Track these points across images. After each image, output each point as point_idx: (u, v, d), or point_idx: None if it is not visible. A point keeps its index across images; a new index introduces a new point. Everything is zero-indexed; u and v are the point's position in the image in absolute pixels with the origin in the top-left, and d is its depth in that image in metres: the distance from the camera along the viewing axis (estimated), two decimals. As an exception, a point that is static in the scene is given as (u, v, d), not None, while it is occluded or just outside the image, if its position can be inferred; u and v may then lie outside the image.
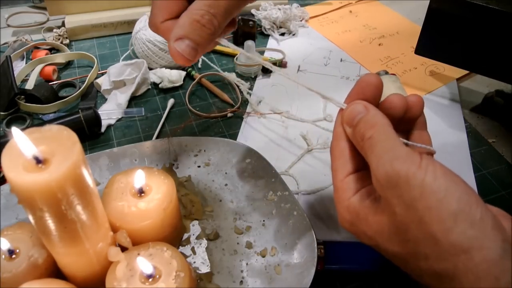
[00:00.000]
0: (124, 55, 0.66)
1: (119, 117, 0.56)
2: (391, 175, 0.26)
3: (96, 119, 0.52)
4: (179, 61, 0.32)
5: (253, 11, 0.75)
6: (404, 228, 0.27)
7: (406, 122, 0.35)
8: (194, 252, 0.41)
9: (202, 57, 0.66)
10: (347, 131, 0.32)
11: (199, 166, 0.48)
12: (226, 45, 0.35)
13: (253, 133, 0.55)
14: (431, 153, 0.34)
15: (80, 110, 0.52)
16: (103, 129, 0.54)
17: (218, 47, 0.68)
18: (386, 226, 0.28)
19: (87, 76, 0.60)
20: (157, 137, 0.54)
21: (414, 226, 0.26)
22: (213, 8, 0.31)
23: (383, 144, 0.28)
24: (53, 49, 0.68)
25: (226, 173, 0.47)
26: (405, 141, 0.32)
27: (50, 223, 0.28)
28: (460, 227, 0.25)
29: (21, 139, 0.27)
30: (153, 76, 0.61)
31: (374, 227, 0.29)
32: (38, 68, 0.62)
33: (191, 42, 0.31)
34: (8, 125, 0.55)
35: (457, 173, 0.51)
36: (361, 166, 0.32)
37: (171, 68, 0.62)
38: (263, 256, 0.40)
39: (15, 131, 0.27)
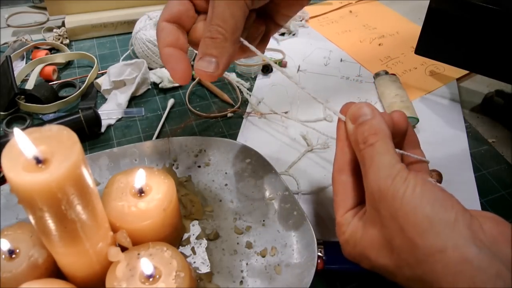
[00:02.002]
0: (124, 55, 0.66)
1: (119, 117, 0.56)
2: (382, 190, 0.28)
3: (96, 119, 0.52)
4: (206, 78, 0.33)
5: (253, 11, 0.75)
6: (389, 239, 0.28)
7: (395, 138, 0.35)
8: (194, 252, 0.41)
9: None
10: (348, 127, 0.33)
11: (199, 166, 0.48)
12: (248, 46, 0.34)
13: (253, 133, 0.55)
14: (425, 163, 0.36)
15: (80, 110, 0.52)
16: (103, 129, 0.54)
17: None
18: (376, 239, 0.29)
19: (87, 76, 0.60)
20: (157, 137, 0.54)
21: (397, 234, 0.27)
22: (215, 19, 0.31)
23: (383, 158, 0.29)
24: (53, 49, 0.68)
25: (226, 173, 0.47)
26: (401, 151, 0.34)
27: (50, 223, 0.28)
28: (435, 229, 0.26)
29: (22, 139, 0.27)
30: (153, 76, 0.61)
31: (366, 244, 0.30)
32: (38, 68, 0.62)
33: (209, 57, 0.32)
34: (8, 125, 0.55)
35: (457, 173, 0.52)
36: (361, 200, 0.33)
37: (171, 68, 0.62)
38: (263, 256, 0.40)
39: (16, 131, 0.27)
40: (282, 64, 0.66)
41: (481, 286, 0.24)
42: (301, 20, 0.76)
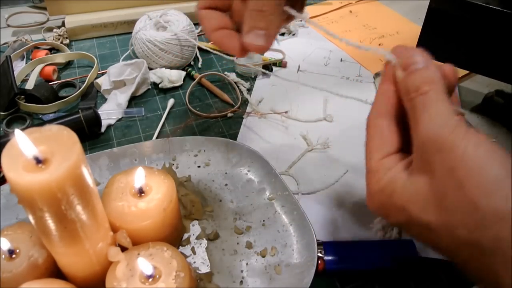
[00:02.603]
0: (124, 55, 0.66)
1: (119, 117, 0.56)
2: (438, 140, 0.26)
3: (96, 119, 0.52)
4: (257, 51, 0.34)
5: (253, 11, 0.75)
6: (441, 195, 0.26)
7: None
8: (194, 252, 0.41)
9: (200, 57, 0.66)
10: (398, 74, 0.30)
11: (199, 166, 0.48)
12: (293, 13, 0.35)
13: (253, 133, 0.55)
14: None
15: (80, 110, 0.52)
16: (103, 129, 0.54)
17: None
18: (422, 192, 0.27)
19: (87, 76, 0.60)
20: (157, 137, 0.54)
21: (453, 192, 0.25)
22: None
23: (438, 105, 0.27)
24: (53, 49, 0.68)
25: (226, 173, 0.47)
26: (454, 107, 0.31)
27: (50, 223, 0.28)
28: (502, 192, 0.24)
29: (22, 140, 0.27)
30: (153, 76, 0.61)
31: (407, 195, 0.28)
32: (38, 68, 0.62)
33: (258, 30, 0.33)
34: (8, 125, 0.55)
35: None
36: (401, 148, 0.31)
37: (171, 68, 0.62)
38: (263, 256, 0.40)
39: (17, 132, 0.27)
40: (282, 64, 0.66)
41: None
42: (301, 20, 0.76)
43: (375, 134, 0.31)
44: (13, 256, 0.34)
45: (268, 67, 0.64)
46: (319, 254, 0.39)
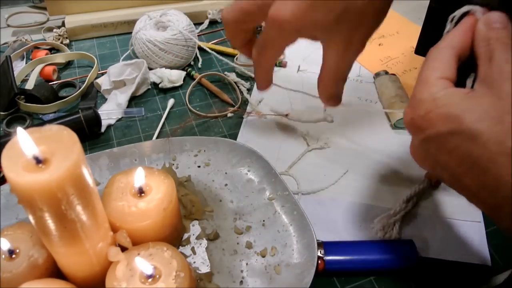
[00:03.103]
0: (124, 55, 0.66)
1: (119, 117, 0.56)
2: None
3: (96, 119, 0.52)
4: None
5: (253, 11, 0.75)
6: (504, 111, 0.26)
7: None
8: (194, 252, 0.41)
9: (200, 57, 0.66)
10: (479, 28, 0.31)
11: (199, 166, 0.48)
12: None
13: (253, 133, 0.55)
14: None
15: (80, 110, 0.52)
16: (103, 129, 0.54)
17: (218, 47, 0.68)
18: (484, 105, 0.27)
19: (87, 76, 0.60)
20: (157, 137, 0.54)
21: None
22: None
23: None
24: (53, 49, 0.68)
25: (226, 173, 0.47)
26: None
27: (50, 223, 0.28)
28: None
29: (23, 139, 0.27)
30: (153, 76, 0.61)
31: (466, 106, 0.28)
32: (38, 68, 0.62)
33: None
34: (8, 125, 0.55)
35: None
36: (457, 81, 0.31)
37: (171, 68, 0.62)
38: (263, 256, 0.40)
39: (19, 130, 0.27)
40: (282, 64, 0.66)
41: None
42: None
43: (440, 58, 0.32)
44: (13, 256, 0.34)
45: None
46: (319, 254, 0.39)
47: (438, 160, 0.30)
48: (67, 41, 0.69)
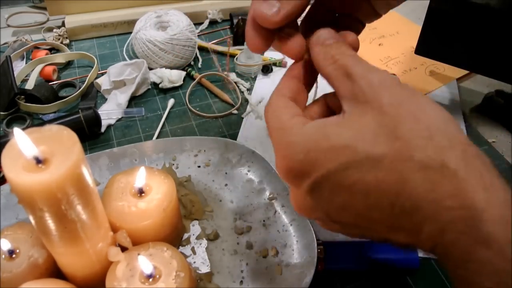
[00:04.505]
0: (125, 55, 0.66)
1: (119, 117, 0.56)
2: (382, 79, 0.25)
3: (96, 119, 0.52)
4: (263, 22, 0.29)
5: (253, 11, 0.75)
6: (395, 124, 0.24)
7: None
8: (194, 252, 0.41)
9: (200, 57, 0.66)
10: (315, 50, 0.29)
11: (199, 166, 0.48)
12: None
13: (253, 133, 0.55)
14: None
15: (80, 110, 0.52)
16: (103, 129, 0.54)
17: (218, 48, 0.68)
18: (370, 127, 0.24)
19: (87, 76, 0.60)
20: (157, 137, 0.54)
21: (407, 121, 0.24)
22: None
23: (357, 67, 0.26)
24: (53, 49, 0.68)
25: (226, 173, 0.47)
26: None
27: (50, 223, 0.28)
28: (453, 125, 0.24)
29: (22, 139, 0.27)
30: (153, 76, 0.61)
31: (351, 133, 0.25)
32: (38, 68, 0.62)
33: (275, 1, 0.29)
34: (8, 125, 0.55)
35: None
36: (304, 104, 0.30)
37: (171, 68, 0.62)
38: (263, 256, 0.40)
39: (17, 131, 0.27)
40: (282, 64, 0.66)
41: (489, 182, 0.24)
42: (301, 20, 0.76)
43: (277, 104, 0.30)
44: (13, 256, 0.34)
45: (268, 67, 0.64)
46: (319, 254, 0.39)
47: (334, 204, 0.26)
48: (67, 41, 0.69)
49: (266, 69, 0.64)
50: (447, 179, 0.23)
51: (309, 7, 0.35)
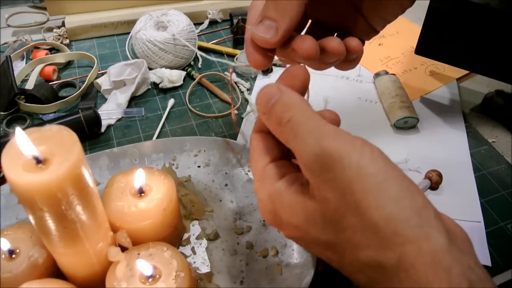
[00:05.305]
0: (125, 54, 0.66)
1: (119, 117, 0.56)
2: (321, 156, 0.24)
3: (96, 119, 0.52)
4: (264, 45, 0.29)
5: (253, 11, 0.75)
6: (339, 216, 0.24)
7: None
8: (194, 252, 0.41)
9: (201, 57, 0.66)
10: (262, 119, 0.28)
11: (199, 166, 0.48)
12: None
13: (253, 133, 0.55)
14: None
15: (80, 110, 0.52)
16: (103, 129, 0.54)
17: (218, 47, 0.68)
18: (317, 213, 0.25)
19: (87, 76, 0.60)
20: (157, 137, 0.54)
21: (351, 213, 0.23)
22: None
23: (306, 125, 0.25)
24: (53, 49, 0.68)
25: (226, 173, 0.47)
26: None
27: (50, 223, 0.28)
28: (403, 214, 0.22)
29: (22, 139, 0.27)
30: (153, 76, 0.61)
31: (302, 215, 0.26)
32: (38, 68, 0.62)
33: (268, 20, 0.29)
34: (8, 125, 0.55)
35: (457, 173, 0.51)
36: (282, 156, 0.30)
37: (171, 68, 0.62)
38: (263, 256, 0.40)
39: (18, 131, 0.27)
40: (282, 64, 0.66)
41: (457, 276, 0.21)
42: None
43: (257, 145, 0.30)
44: (13, 256, 0.34)
45: (268, 67, 0.64)
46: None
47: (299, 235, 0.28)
48: (67, 41, 0.69)
49: (266, 69, 0.64)
50: (382, 280, 0.23)
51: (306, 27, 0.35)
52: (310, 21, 0.36)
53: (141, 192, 0.37)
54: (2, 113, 0.55)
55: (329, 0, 0.34)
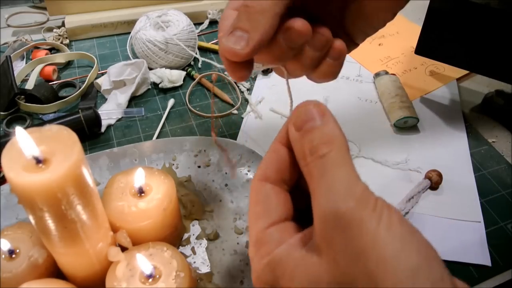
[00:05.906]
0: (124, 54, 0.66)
1: (119, 117, 0.56)
2: (343, 215, 0.21)
3: (96, 119, 0.52)
4: (234, 57, 0.27)
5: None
6: (349, 280, 0.22)
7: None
8: (194, 252, 0.41)
9: (201, 57, 0.66)
10: (291, 134, 0.26)
11: (199, 166, 0.48)
12: None
13: (253, 133, 0.55)
14: None
15: (80, 110, 0.52)
16: (103, 129, 0.54)
17: (218, 47, 0.68)
18: (325, 274, 0.22)
19: (87, 76, 0.60)
20: (157, 137, 0.54)
21: (364, 280, 0.21)
22: None
23: (340, 171, 0.23)
24: (53, 49, 0.68)
25: (226, 173, 0.47)
26: None
27: (50, 223, 0.28)
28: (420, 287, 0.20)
29: (23, 139, 0.27)
30: (153, 76, 0.61)
31: (308, 277, 0.23)
32: (38, 68, 0.62)
33: (240, 31, 0.27)
34: (8, 125, 0.55)
35: (457, 173, 0.51)
36: (289, 216, 0.26)
37: (171, 68, 0.62)
38: (263, 256, 0.40)
39: (19, 130, 0.27)
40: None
41: None
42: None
43: (259, 200, 0.26)
44: (13, 256, 0.34)
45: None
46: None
47: None
48: (67, 41, 0.69)
49: (266, 69, 0.64)
50: None
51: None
52: None
53: (141, 192, 0.37)
54: (2, 113, 0.55)
55: (308, 12, 0.32)
